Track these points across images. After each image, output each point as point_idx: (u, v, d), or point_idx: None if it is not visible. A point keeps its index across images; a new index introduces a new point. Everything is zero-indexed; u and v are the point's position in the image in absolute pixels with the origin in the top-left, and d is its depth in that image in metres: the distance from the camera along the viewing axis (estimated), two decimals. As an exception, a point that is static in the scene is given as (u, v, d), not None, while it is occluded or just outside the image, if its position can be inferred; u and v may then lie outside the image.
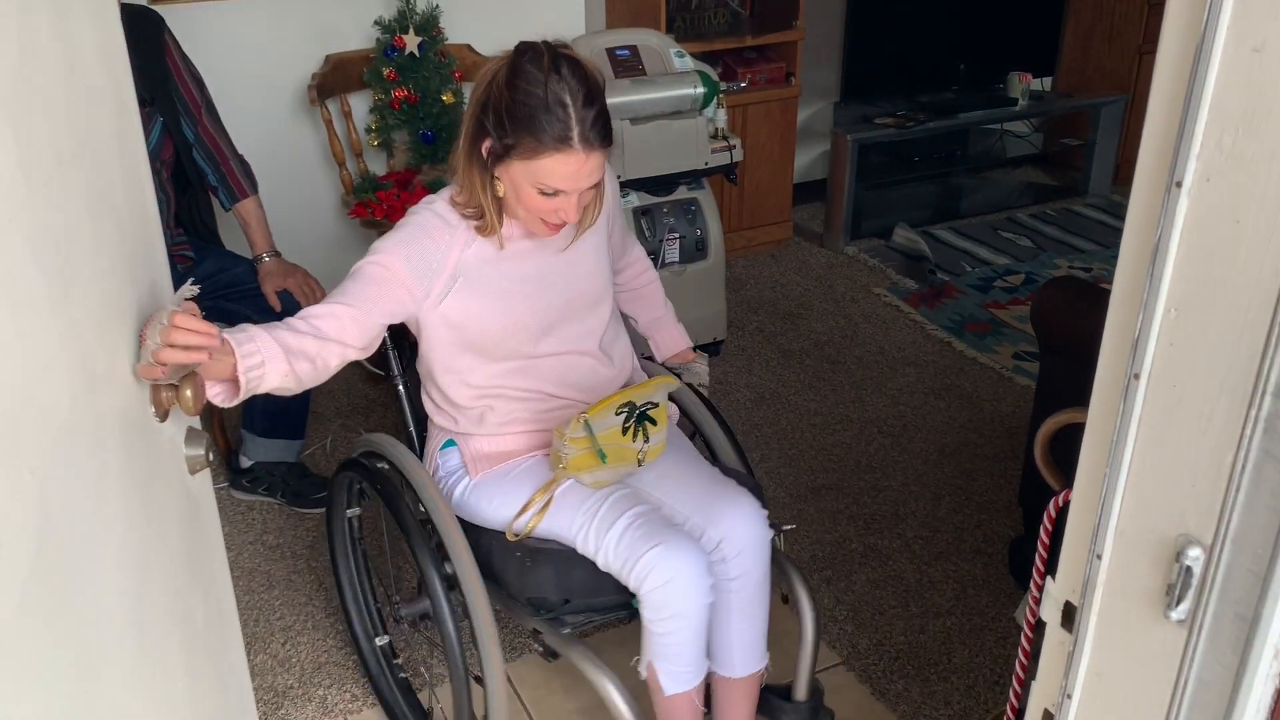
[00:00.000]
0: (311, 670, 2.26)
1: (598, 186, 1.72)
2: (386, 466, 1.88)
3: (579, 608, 1.79)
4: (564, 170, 1.61)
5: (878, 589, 2.47)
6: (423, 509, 1.80)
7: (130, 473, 1.16)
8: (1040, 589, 1.44)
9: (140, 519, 1.20)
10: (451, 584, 1.75)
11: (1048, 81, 4.84)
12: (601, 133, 1.62)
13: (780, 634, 1.98)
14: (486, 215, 1.72)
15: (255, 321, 2.55)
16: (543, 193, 1.64)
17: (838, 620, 2.38)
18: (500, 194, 1.70)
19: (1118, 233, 4.32)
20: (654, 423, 1.77)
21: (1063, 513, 1.40)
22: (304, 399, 2.71)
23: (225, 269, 2.58)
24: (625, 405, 1.73)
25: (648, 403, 1.76)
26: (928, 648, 2.30)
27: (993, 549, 2.58)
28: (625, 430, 1.74)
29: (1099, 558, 0.96)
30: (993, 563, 2.54)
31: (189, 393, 1.29)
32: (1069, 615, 1.04)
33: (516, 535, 1.75)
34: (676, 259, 3.27)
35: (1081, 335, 2.33)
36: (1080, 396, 2.36)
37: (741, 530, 1.76)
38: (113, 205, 1.16)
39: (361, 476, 1.93)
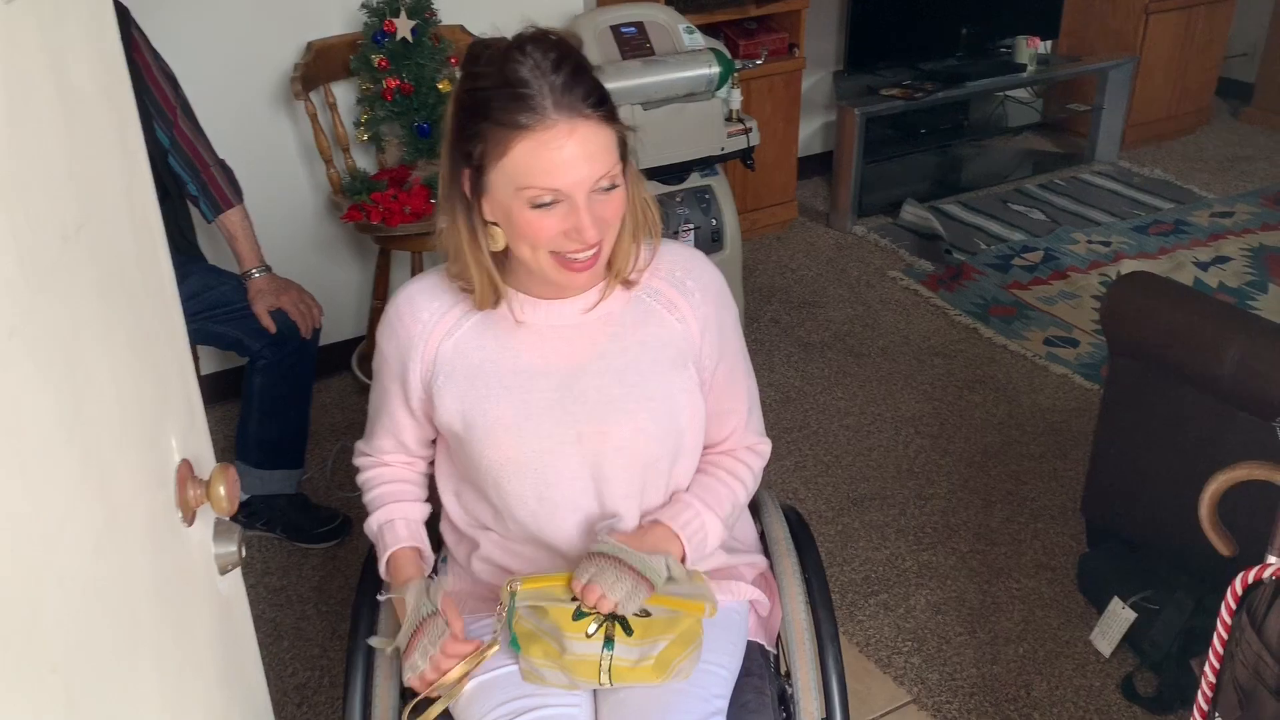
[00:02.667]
0: (333, 735, 2.05)
1: (618, 190, 1.23)
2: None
3: None
4: (544, 156, 1.17)
5: (939, 614, 2.29)
6: None
7: (161, 605, 0.95)
8: (1218, 675, 1.26)
9: (174, 661, 0.98)
10: None
11: (1048, 45, 4.65)
12: (588, 95, 1.18)
13: None
14: (478, 283, 1.29)
15: (247, 345, 2.35)
16: (535, 205, 1.20)
17: (902, 652, 2.20)
18: (500, 245, 1.27)
19: (1131, 202, 4.20)
20: (628, 631, 1.27)
21: (1249, 590, 1.22)
22: (302, 426, 2.48)
23: (211, 287, 2.32)
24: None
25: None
26: (1002, 680, 2.13)
27: (1055, 563, 2.42)
28: (578, 616, 1.26)
29: None
30: (1058, 578, 2.37)
31: (222, 489, 1.07)
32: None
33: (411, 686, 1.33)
34: (691, 252, 3.05)
35: (1156, 337, 2.15)
36: (1154, 403, 2.19)
37: None
38: (125, 280, 0.93)
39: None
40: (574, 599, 1.26)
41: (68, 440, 0.77)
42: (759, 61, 3.40)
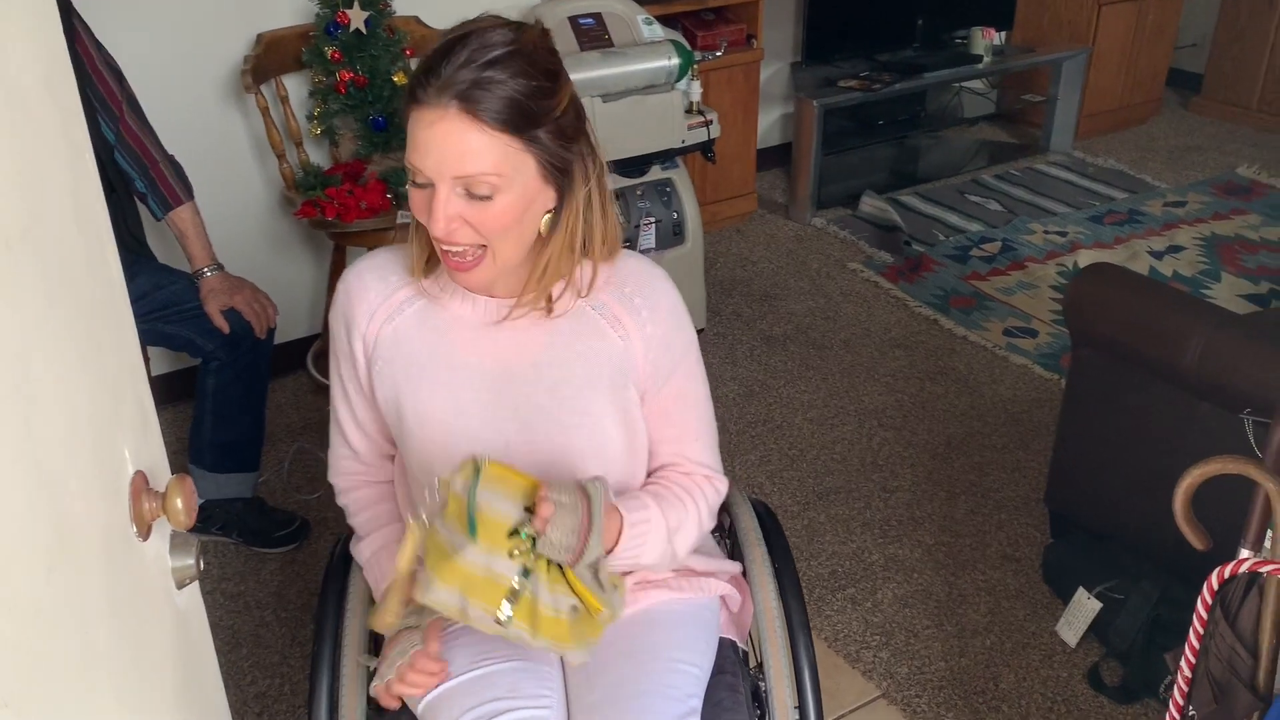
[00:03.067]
0: (295, 745, 2.00)
1: (493, 203, 1.17)
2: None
3: None
4: (415, 132, 1.15)
5: (907, 607, 2.29)
6: None
7: (117, 625, 0.91)
8: (1193, 670, 1.26)
9: (132, 681, 0.93)
10: None
11: (1003, 36, 4.67)
12: (492, 97, 1.12)
13: None
14: (413, 245, 1.28)
15: (199, 345, 2.28)
16: (414, 181, 1.19)
17: (871, 647, 2.20)
18: None
19: (1086, 192, 4.23)
20: (549, 570, 1.15)
21: (1225, 585, 1.22)
22: (258, 427, 2.42)
23: (161, 286, 2.25)
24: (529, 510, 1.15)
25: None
26: (971, 672, 2.13)
27: (1020, 554, 2.42)
28: (514, 533, 1.13)
29: None
30: (1023, 569, 2.38)
31: (179, 501, 1.03)
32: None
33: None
34: (653, 245, 3.03)
35: (1119, 328, 2.16)
36: (1116, 394, 2.20)
37: None
38: (73, 285, 0.88)
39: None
40: (528, 509, 1.15)
41: (15, 457, 0.73)
42: (718, 53, 3.37)
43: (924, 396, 3.00)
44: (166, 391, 2.79)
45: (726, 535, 1.59)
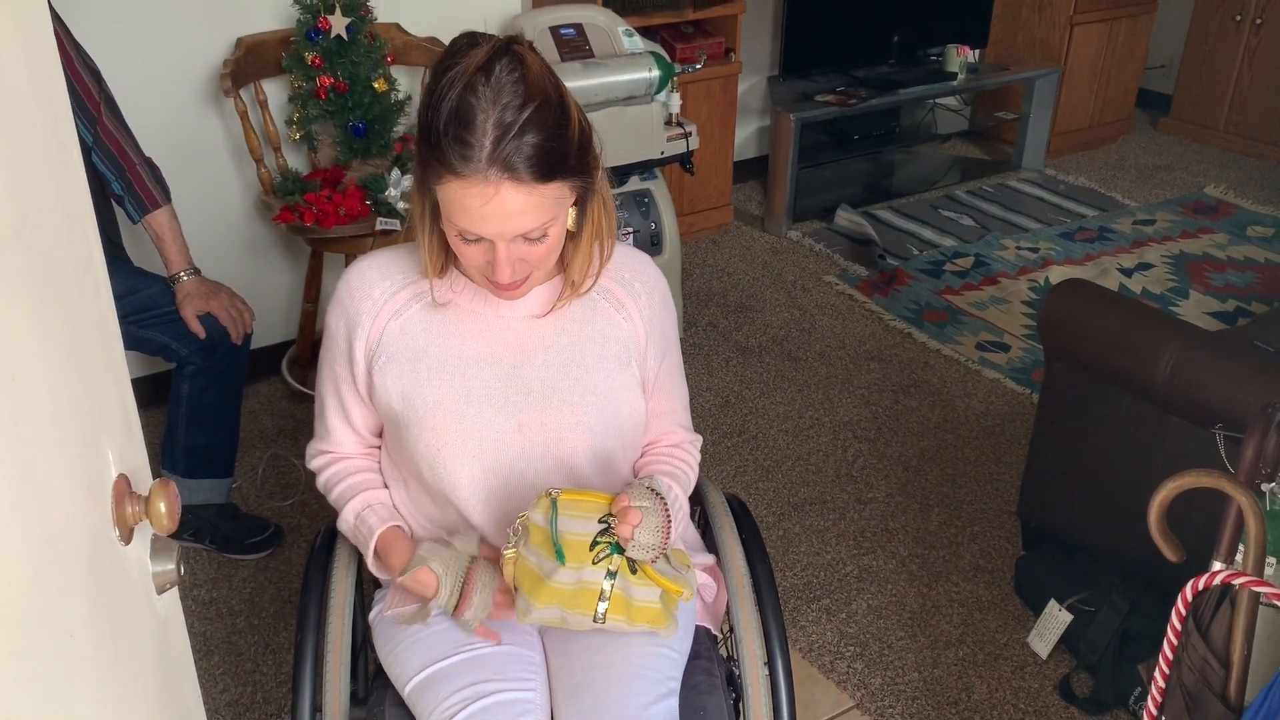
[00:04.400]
0: (267, 753, 1.99)
1: (547, 239, 1.25)
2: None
3: None
4: (468, 204, 1.19)
5: (881, 618, 2.31)
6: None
7: (99, 631, 0.90)
8: (1166, 682, 1.28)
9: (114, 688, 0.93)
10: None
11: (977, 54, 4.72)
12: (529, 159, 1.17)
13: None
14: (426, 248, 1.32)
15: (175, 350, 2.26)
16: (464, 237, 1.23)
17: (845, 657, 2.21)
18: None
19: (1057, 209, 4.29)
20: (633, 569, 1.27)
21: (1198, 597, 1.24)
22: (232, 433, 2.40)
23: (135, 290, 2.23)
24: (608, 518, 1.25)
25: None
26: (944, 683, 2.15)
27: (993, 566, 2.45)
28: (594, 545, 1.25)
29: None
30: (995, 581, 2.40)
31: (162, 506, 1.03)
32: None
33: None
34: (630, 256, 3.03)
35: (1092, 343, 2.19)
36: (1089, 408, 2.23)
37: None
38: (61, 286, 0.88)
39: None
40: (602, 521, 1.24)
41: (4, 459, 0.72)
42: (697, 66, 3.39)
43: (898, 409, 3.03)
44: (140, 396, 2.76)
45: (698, 524, 1.63)
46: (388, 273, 1.37)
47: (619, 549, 1.25)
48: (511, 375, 1.35)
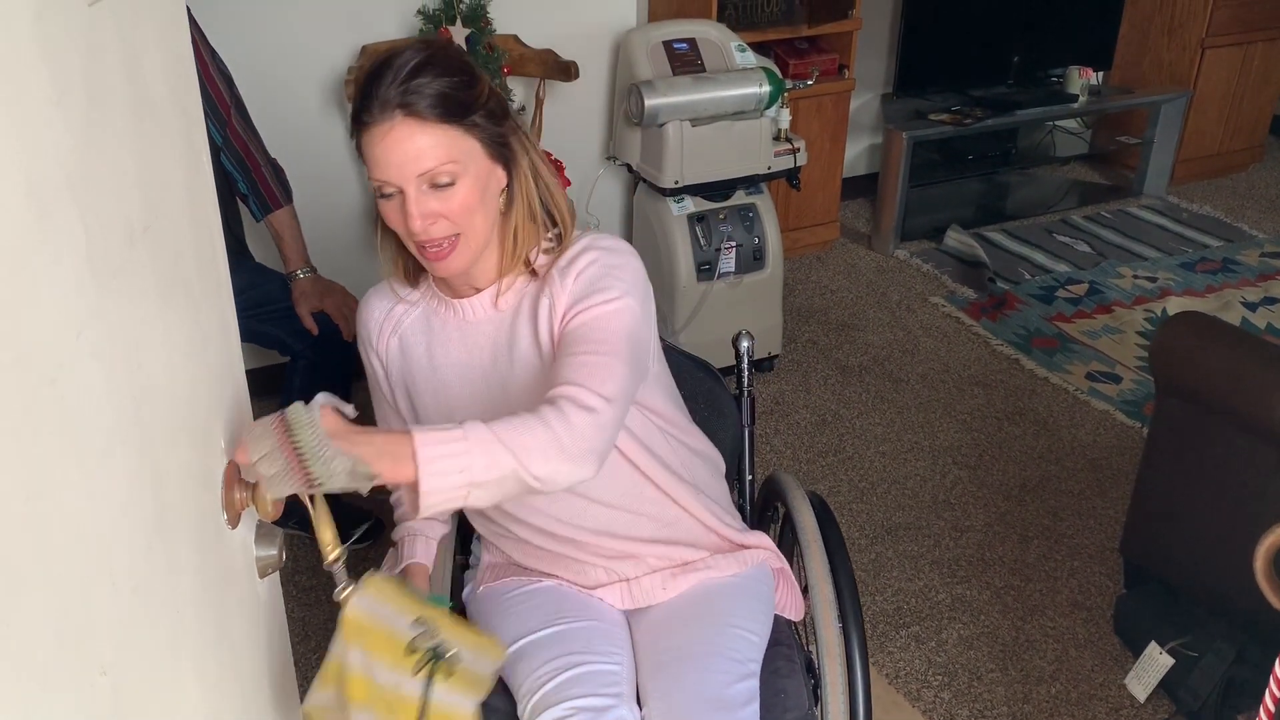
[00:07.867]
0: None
1: (456, 191, 1.28)
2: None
3: None
4: (373, 151, 1.27)
5: (971, 649, 2.26)
6: None
7: (203, 608, 0.95)
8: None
9: (213, 664, 0.97)
10: None
11: (1100, 76, 4.60)
12: (429, 98, 1.25)
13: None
14: (382, 255, 1.43)
15: (288, 344, 2.36)
16: (380, 195, 1.31)
17: (932, 686, 2.17)
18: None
19: (1179, 238, 4.14)
20: (448, 673, 1.12)
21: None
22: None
23: (255, 285, 2.33)
24: (421, 621, 1.13)
25: (450, 646, 1.13)
26: (1034, 719, 2.10)
27: (1091, 603, 2.38)
28: (411, 651, 1.12)
29: None
30: (1093, 619, 2.33)
31: (269, 494, 1.08)
32: None
33: None
34: (733, 269, 3.04)
35: (1206, 379, 2.11)
36: (1200, 446, 2.15)
37: None
38: (185, 281, 0.93)
39: None
40: (418, 623, 1.13)
41: (125, 440, 0.77)
42: (809, 82, 3.38)
43: (1001, 437, 2.96)
44: (253, 387, 2.87)
45: (779, 520, 1.68)
46: (381, 297, 1.48)
47: (437, 655, 1.12)
48: (486, 382, 1.43)
